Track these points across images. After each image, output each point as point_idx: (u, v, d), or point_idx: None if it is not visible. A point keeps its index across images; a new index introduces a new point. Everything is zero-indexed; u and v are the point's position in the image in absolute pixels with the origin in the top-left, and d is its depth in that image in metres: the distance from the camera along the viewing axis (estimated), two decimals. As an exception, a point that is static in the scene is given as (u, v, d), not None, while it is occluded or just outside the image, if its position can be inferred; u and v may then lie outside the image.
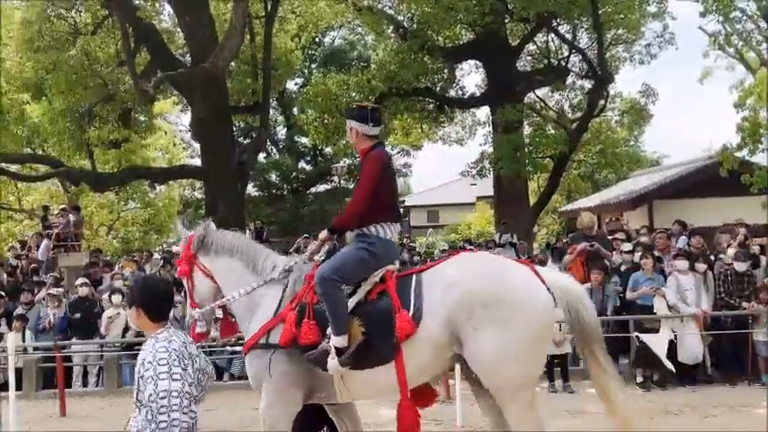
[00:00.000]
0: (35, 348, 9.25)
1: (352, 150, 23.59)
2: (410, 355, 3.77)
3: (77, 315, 9.68)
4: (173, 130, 22.62)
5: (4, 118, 11.92)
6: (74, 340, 9.35)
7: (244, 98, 15.47)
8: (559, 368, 8.11)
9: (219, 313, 4.34)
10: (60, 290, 10.42)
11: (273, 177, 24.40)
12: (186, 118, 22.34)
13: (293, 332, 3.86)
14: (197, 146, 19.42)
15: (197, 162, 21.60)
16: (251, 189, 20.54)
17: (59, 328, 9.62)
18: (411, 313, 3.76)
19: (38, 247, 14.04)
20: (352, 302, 3.91)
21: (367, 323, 3.84)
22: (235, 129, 15.06)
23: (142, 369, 2.96)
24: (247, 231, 15.60)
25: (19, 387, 7.71)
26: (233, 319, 4.34)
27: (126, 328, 9.45)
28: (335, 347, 3.78)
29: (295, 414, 4.01)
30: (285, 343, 3.87)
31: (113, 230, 20.83)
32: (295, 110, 22.49)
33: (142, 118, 14.68)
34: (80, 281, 10.50)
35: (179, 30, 14.69)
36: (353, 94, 15.54)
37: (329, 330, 3.82)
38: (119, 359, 9.09)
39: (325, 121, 15.91)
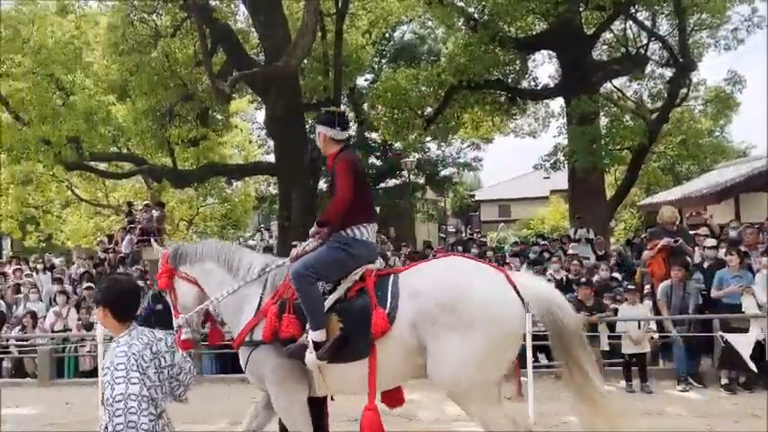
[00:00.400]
0: (121, 337, 9.74)
1: (422, 145, 23.62)
2: (383, 353, 3.87)
3: (159, 306, 10.12)
4: (248, 127, 23.27)
5: (92, 119, 12.56)
6: (156, 330, 9.79)
7: (316, 95, 15.71)
8: (637, 367, 7.82)
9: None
10: (146, 281, 10.93)
11: (344, 173, 24.67)
12: (261, 116, 22.96)
13: (274, 327, 4.00)
14: (272, 143, 19.92)
15: (271, 159, 22.18)
16: (323, 184, 20.80)
17: (143, 318, 10.10)
18: (387, 312, 3.86)
19: (124, 241, 14.79)
20: (331, 299, 4.02)
21: (345, 319, 3.95)
22: (307, 126, 15.32)
23: (105, 373, 3.01)
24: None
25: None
26: (218, 325, 4.56)
27: (205, 321, 9.81)
28: (313, 342, 3.90)
29: (304, 400, 4.13)
30: (267, 337, 4.01)
31: (193, 225, 21.64)
32: (365, 106, 22.65)
33: (219, 116, 15.15)
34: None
35: (253, 29, 15.07)
36: (423, 89, 15.49)
37: (309, 325, 3.93)
38: (200, 349, 9.43)
39: (395, 116, 15.93)
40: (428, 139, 21.68)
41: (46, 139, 11.88)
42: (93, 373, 8.84)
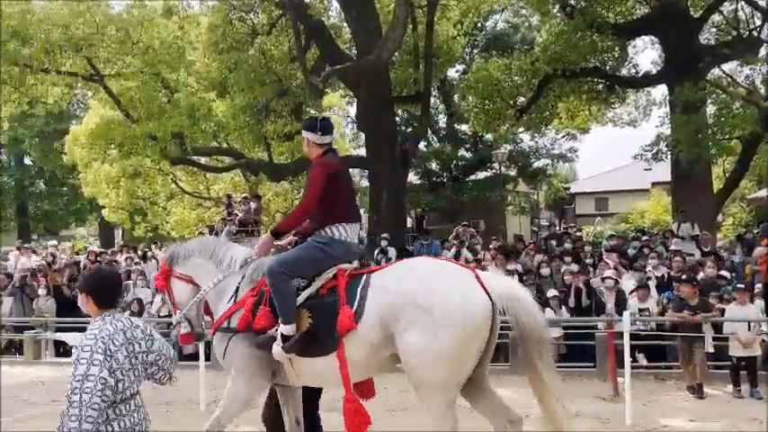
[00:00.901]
0: (220, 323, 10.18)
1: (514, 136, 23.13)
2: (350, 348, 3.97)
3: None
4: (340, 121, 23.67)
5: (194, 115, 13.21)
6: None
7: (406, 88, 15.73)
8: (746, 372, 7.33)
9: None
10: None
11: (434, 165, 24.63)
12: (353, 109, 23.28)
13: (248, 317, 4.18)
14: (362, 136, 20.16)
15: (362, 152, 22.44)
16: (412, 177, 20.86)
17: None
18: (354, 310, 3.96)
19: (223, 231, 15.47)
20: (304, 295, 4.16)
21: (314, 315, 4.09)
22: (397, 118, 15.37)
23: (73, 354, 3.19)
24: (408, 218, 15.98)
25: (207, 359, 8.56)
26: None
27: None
28: (282, 334, 4.06)
29: (256, 394, 4.41)
30: (242, 327, 4.19)
31: (287, 217, 22.31)
32: (456, 97, 22.44)
33: (312, 111, 15.50)
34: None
35: (345, 24, 15.28)
36: (516, 78, 15.14)
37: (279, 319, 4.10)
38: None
39: (486, 107, 15.67)
40: (521, 129, 21.20)
41: (153, 135, 12.60)
42: (194, 356, 9.30)
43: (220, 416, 4.34)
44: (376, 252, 12.15)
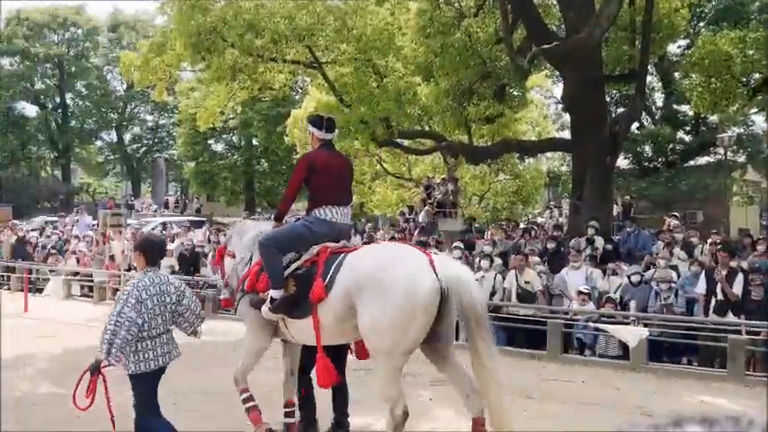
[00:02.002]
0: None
1: (744, 118, 20.52)
2: (322, 315, 4.64)
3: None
4: (543, 103, 22.93)
5: (401, 99, 13.68)
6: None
7: (619, 66, 14.73)
8: None
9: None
10: (440, 251, 11.64)
11: (647, 149, 22.81)
12: (557, 90, 22.39)
13: (253, 281, 5.07)
14: (566, 118, 19.31)
15: (566, 135, 21.51)
16: (621, 161, 19.53)
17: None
18: (325, 283, 4.62)
19: (422, 212, 15.93)
20: (293, 267, 4.89)
21: (297, 284, 4.81)
22: (608, 98, 14.44)
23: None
24: (615, 206, 15.02)
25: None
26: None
27: (493, 292, 10.08)
28: (271, 297, 4.84)
29: (263, 345, 5.28)
30: (248, 289, 5.13)
31: (484, 200, 22.26)
32: (676, 75, 20.48)
33: (516, 93, 15.19)
34: (456, 244, 11.56)
35: (554, 2, 14.69)
36: (751, 53, 13.37)
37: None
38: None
39: (712, 85, 14.06)
40: (753, 110, 18.77)
41: (363, 119, 13.30)
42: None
43: (241, 368, 5.28)
44: (582, 241, 11.59)
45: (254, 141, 35.74)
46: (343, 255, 4.76)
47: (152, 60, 14.05)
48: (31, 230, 20.10)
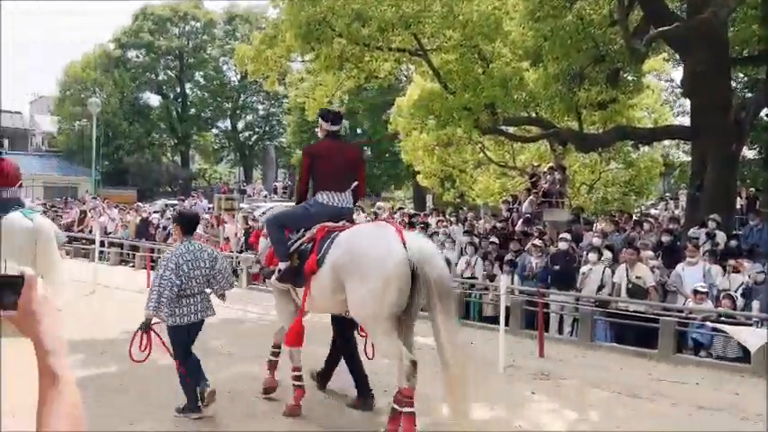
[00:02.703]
0: (521, 291, 10.35)
1: None
2: (314, 286, 5.32)
3: (556, 267, 10.40)
4: (660, 87, 21.65)
5: (507, 85, 13.38)
6: (552, 290, 10.09)
7: (747, 48, 13.62)
8: None
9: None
10: (543, 242, 11.35)
11: (777, 138, 20.97)
12: (677, 74, 21.07)
13: (270, 258, 5.88)
14: (685, 104, 18.13)
15: (684, 121, 20.22)
16: (746, 151, 18.12)
17: (541, 276, 10.53)
18: (318, 258, 5.26)
19: (526, 201, 15.56)
20: (297, 243, 5.59)
21: (298, 258, 5.50)
22: (733, 83, 13.40)
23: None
24: (738, 199, 13.96)
25: (507, 323, 8.79)
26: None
27: (601, 286, 9.71)
28: (278, 269, 5.59)
29: (291, 309, 5.90)
30: (266, 264, 5.98)
31: (594, 190, 21.39)
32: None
33: (630, 77, 14.42)
34: (562, 235, 11.22)
35: (675, -20, 13.80)
36: None
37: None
38: (593, 314, 9.41)
39: None
40: None
41: (467, 106, 13.14)
42: (494, 319, 9.62)
43: (282, 326, 6.14)
44: (702, 234, 10.90)
45: (359, 129, 36.36)
46: (336, 233, 5.36)
47: (264, 52, 14.59)
48: (154, 212, 21.60)
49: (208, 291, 5.57)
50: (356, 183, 5.80)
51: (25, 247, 6.88)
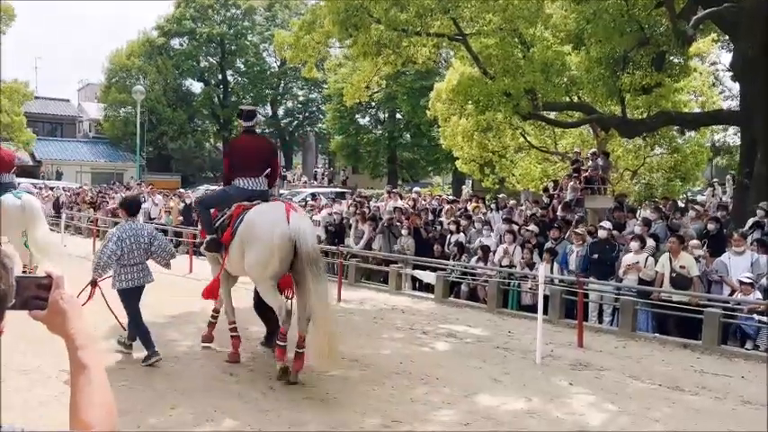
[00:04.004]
0: (560, 280, 10.20)
1: None
2: (230, 254, 6.61)
3: (596, 255, 10.21)
4: (708, 71, 20.93)
5: (548, 70, 13.11)
6: (591, 279, 9.91)
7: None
8: None
9: None
10: (583, 229, 11.13)
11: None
12: (727, 57, 20.33)
13: (202, 233, 7.39)
14: (734, 88, 17.48)
15: (734, 105, 19.53)
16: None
17: (581, 265, 10.35)
18: (232, 231, 6.51)
19: (567, 187, 15.28)
20: (221, 219, 6.84)
21: (221, 231, 6.73)
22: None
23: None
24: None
25: (545, 312, 8.68)
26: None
27: (642, 281, 9.49)
28: (206, 240, 6.91)
29: (217, 268, 7.17)
30: (202, 237, 7.32)
31: (637, 175, 20.88)
32: None
33: (676, 60, 13.96)
34: (603, 223, 10.99)
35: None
36: None
37: None
38: (635, 304, 9.22)
39: None
40: None
41: (507, 91, 12.93)
42: (532, 308, 9.52)
43: (221, 297, 7.32)
44: (749, 223, 10.56)
45: (398, 115, 36.24)
46: (245, 211, 6.53)
47: (303, 38, 14.61)
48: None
49: (148, 262, 6.84)
50: (269, 169, 7.00)
51: (14, 221, 9.29)
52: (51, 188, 27.12)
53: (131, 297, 6.66)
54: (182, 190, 25.34)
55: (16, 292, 1.29)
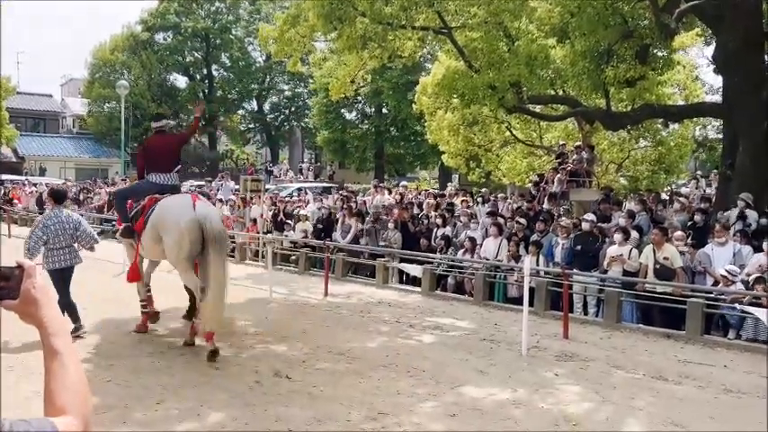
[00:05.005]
0: (546, 272, 10.26)
1: None
2: (143, 240, 7.44)
3: (579, 247, 10.29)
4: (691, 64, 21.07)
5: (532, 63, 13.14)
6: (575, 270, 9.98)
7: (783, 22, 13.14)
8: None
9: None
10: (569, 222, 11.20)
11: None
12: (709, 50, 20.46)
13: (119, 221, 8.49)
14: (716, 82, 17.63)
15: (717, 98, 19.69)
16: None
17: (566, 257, 10.43)
18: (144, 219, 7.33)
19: (553, 180, 15.37)
20: (135, 209, 7.66)
21: (133, 220, 7.63)
22: (768, 59, 12.97)
23: None
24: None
25: (531, 304, 8.74)
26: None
27: (627, 272, 9.57)
28: (121, 228, 8.00)
29: (132, 254, 8.13)
30: (119, 225, 8.40)
31: (623, 168, 21.01)
32: None
33: (660, 54, 14.04)
34: (586, 216, 11.07)
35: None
36: None
37: None
38: (619, 295, 9.30)
39: None
40: None
41: (492, 84, 12.95)
42: (518, 300, 9.58)
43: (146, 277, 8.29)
44: (732, 214, 10.67)
45: (384, 109, 36.19)
46: (157, 202, 7.35)
47: (287, 32, 14.52)
48: (182, 194, 21.80)
49: (75, 245, 7.61)
50: (179, 166, 8.01)
51: None
52: (35, 184, 26.83)
53: (59, 277, 7.33)
54: (167, 185, 25.09)
55: None
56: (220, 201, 17.78)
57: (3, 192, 25.28)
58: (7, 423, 1.19)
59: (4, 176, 29.56)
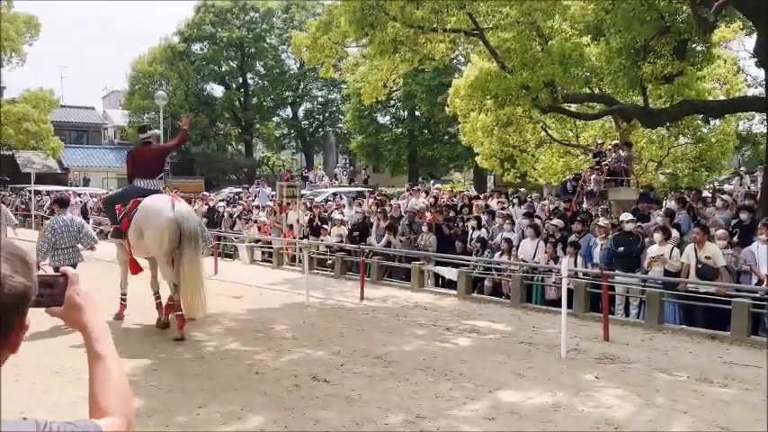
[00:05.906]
0: (584, 274, 10.11)
1: None
2: (130, 238, 8.25)
3: (621, 248, 10.10)
4: (733, 58, 20.50)
5: (566, 62, 12.96)
6: (616, 271, 9.81)
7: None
8: None
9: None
10: (608, 221, 11.01)
11: None
12: (751, 42, 19.91)
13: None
14: (760, 74, 17.11)
15: (759, 92, 19.12)
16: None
17: (605, 258, 10.25)
18: (129, 219, 8.18)
19: (590, 180, 15.13)
20: (123, 212, 8.39)
21: (120, 221, 8.44)
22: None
23: None
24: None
25: (570, 306, 8.62)
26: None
27: (668, 272, 9.37)
28: (112, 229, 8.93)
29: (124, 255, 8.91)
30: (111, 228, 9.25)
31: (662, 166, 20.54)
32: None
33: (699, 48, 13.70)
34: (625, 216, 10.87)
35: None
36: None
37: None
38: (661, 295, 9.11)
39: None
40: None
41: (526, 84, 12.83)
42: (557, 302, 9.45)
43: (120, 274, 9.12)
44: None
45: (417, 113, 36.18)
46: (141, 203, 8.10)
47: (320, 39, 14.67)
48: (220, 201, 22.21)
49: (78, 246, 8.65)
50: (162, 174, 8.98)
51: None
52: (79, 194, 27.64)
53: None
54: (205, 193, 25.66)
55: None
56: (257, 207, 17.99)
57: (49, 202, 26.06)
58: (55, 425, 1.24)
59: (51, 187, 30.52)
